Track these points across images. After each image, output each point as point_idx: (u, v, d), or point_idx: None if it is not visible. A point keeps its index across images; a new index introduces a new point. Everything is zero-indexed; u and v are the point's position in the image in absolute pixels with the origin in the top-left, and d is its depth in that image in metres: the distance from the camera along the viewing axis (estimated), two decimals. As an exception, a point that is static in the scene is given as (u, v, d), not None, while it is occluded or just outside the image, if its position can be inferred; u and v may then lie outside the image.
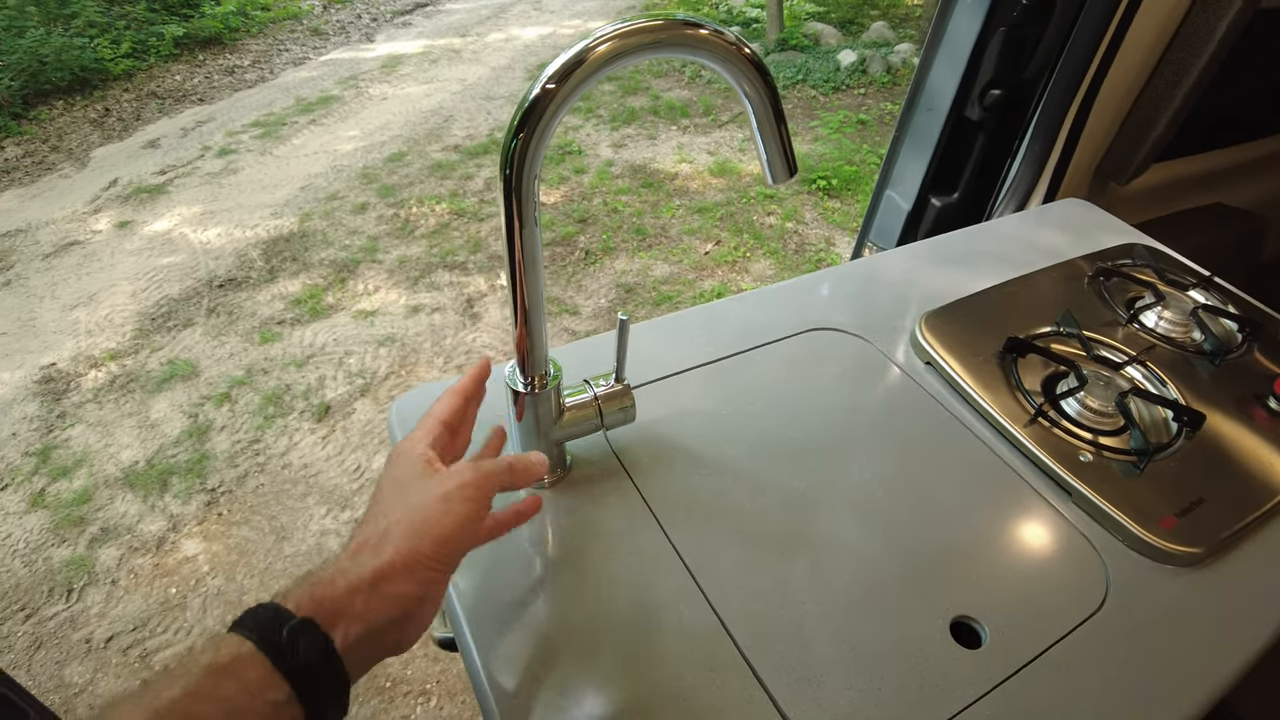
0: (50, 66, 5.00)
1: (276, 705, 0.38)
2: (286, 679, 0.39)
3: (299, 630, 0.40)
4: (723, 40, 0.52)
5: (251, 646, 0.39)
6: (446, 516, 0.48)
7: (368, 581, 0.44)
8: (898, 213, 1.45)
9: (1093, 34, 1.16)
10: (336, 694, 0.42)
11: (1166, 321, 0.96)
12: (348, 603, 0.43)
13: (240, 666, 0.38)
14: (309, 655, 0.40)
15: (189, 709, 0.36)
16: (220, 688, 0.37)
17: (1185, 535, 0.70)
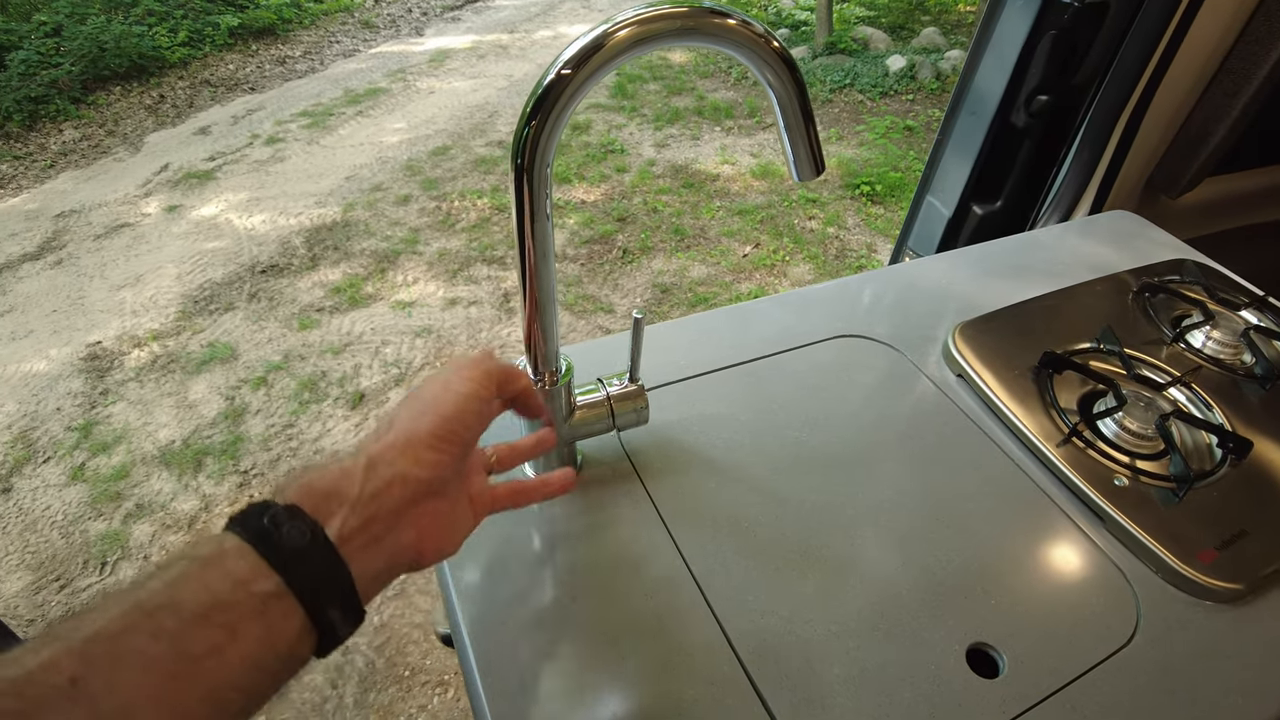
0: (110, 53, 5.13)
1: (264, 597, 0.35)
2: (273, 568, 0.35)
3: (281, 515, 0.37)
4: (750, 31, 0.50)
5: (236, 538, 0.36)
6: (445, 394, 0.45)
7: (363, 464, 0.41)
8: (938, 219, 1.41)
9: (1147, 40, 1.11)
10: (337, 591, 0.38)
11: (1215, 342, 0.91)
12: (340, 487, 0.40)
13: (224, 557, 0.35)
14: (294, 540, 0.36)
15: (171, 596, 0.33)
16: (204, 576, 0.34)
17: (1225, 570, 0.66)
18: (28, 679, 0.28)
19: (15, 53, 4.90)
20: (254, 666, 0.34)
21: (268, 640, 0.35)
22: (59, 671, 0.29)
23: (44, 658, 0.29)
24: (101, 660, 0.30)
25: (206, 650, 0.32)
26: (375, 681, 1.90)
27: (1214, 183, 1.36)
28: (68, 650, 0.30)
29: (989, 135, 1.27)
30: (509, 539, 0.67)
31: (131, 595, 0.32)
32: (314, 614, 0.36)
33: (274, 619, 0.35)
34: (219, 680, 0.33)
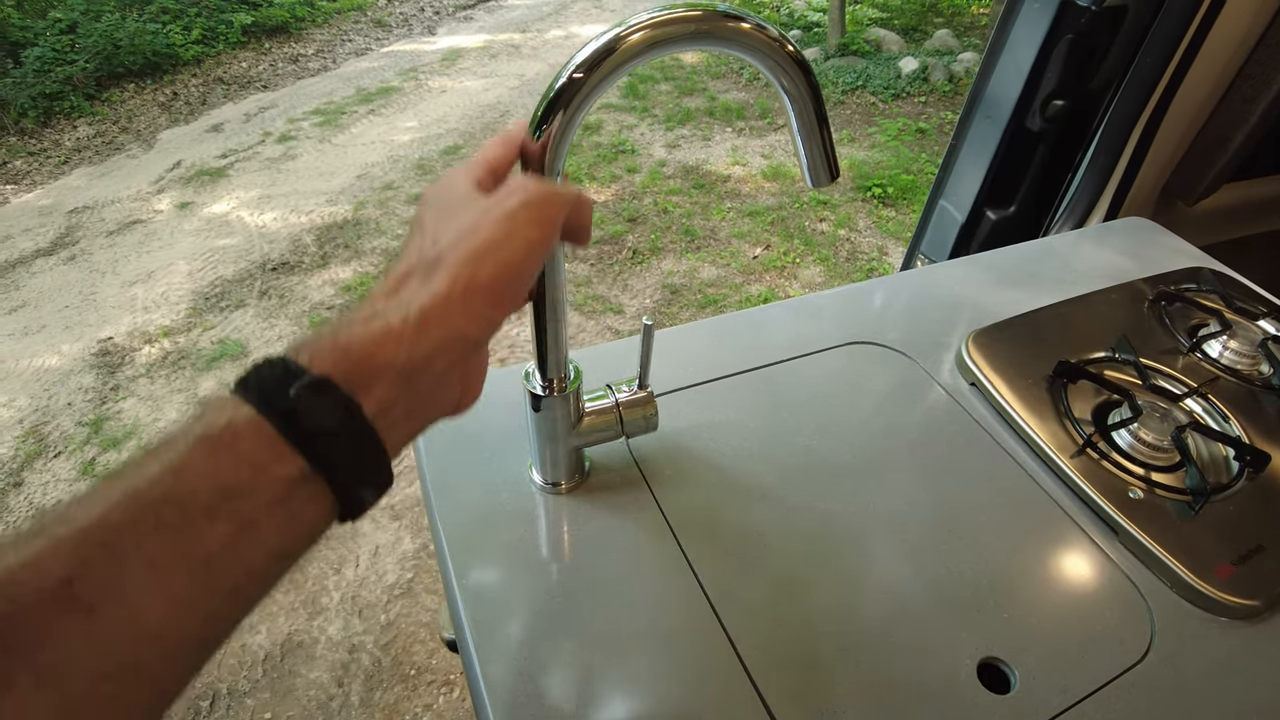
0: (124, 50, 5.16)
1: (289, 483, 0.30)
2: (299, 451, 0.30)
3: (311, 389, 0.30)
4: (765, 35, 0.49)
5: (250, 410, 0.30)
6: (512, 239, 0.36)
7: (414, 322, 0.33)
8: (951, 224, 1.40)
9: (1165, 45, 1.10)
10: (370, 470, 0.33)
11: (1232, 352, 0.90)
12: (381, 353, 0.33)
13: (235, 436, 0.29)
14: (326, 421, 0.31)
15: (173, 487, 0.28)
16: (210, 461, 0.29)
17: (1242, 585, 0.65)
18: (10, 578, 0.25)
19: (31, 49, 4.94)
20: (273, 555, 0.30)
21: (289, 527, 0.31)
22: (47, 572, 0.25)
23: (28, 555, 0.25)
24: (99, 560, 0.26)
25: (220, 546, 0.28)
26: (381, 680, 1.90)
27: (1232, 189, 1.35)
28: (57, 548, 0.26)
29: (1003, 140, 1.26)
30: (516, 545, 0.67)
31: (128, 483, 0.28)
32: (344, 495, 0.32)
33: (297, 504, 0.31)
34: (235, 576, 0.29)
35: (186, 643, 0.28)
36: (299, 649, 1.96)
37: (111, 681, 0.26)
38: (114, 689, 0.26)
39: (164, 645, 0.27)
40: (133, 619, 0.26)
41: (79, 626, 0.25)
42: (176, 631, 0.28)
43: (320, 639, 1.98)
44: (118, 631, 0.26)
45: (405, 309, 0.34)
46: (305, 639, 1.98)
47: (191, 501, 0.28)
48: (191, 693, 1.86)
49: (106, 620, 0.26)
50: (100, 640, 0.25)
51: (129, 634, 0.26)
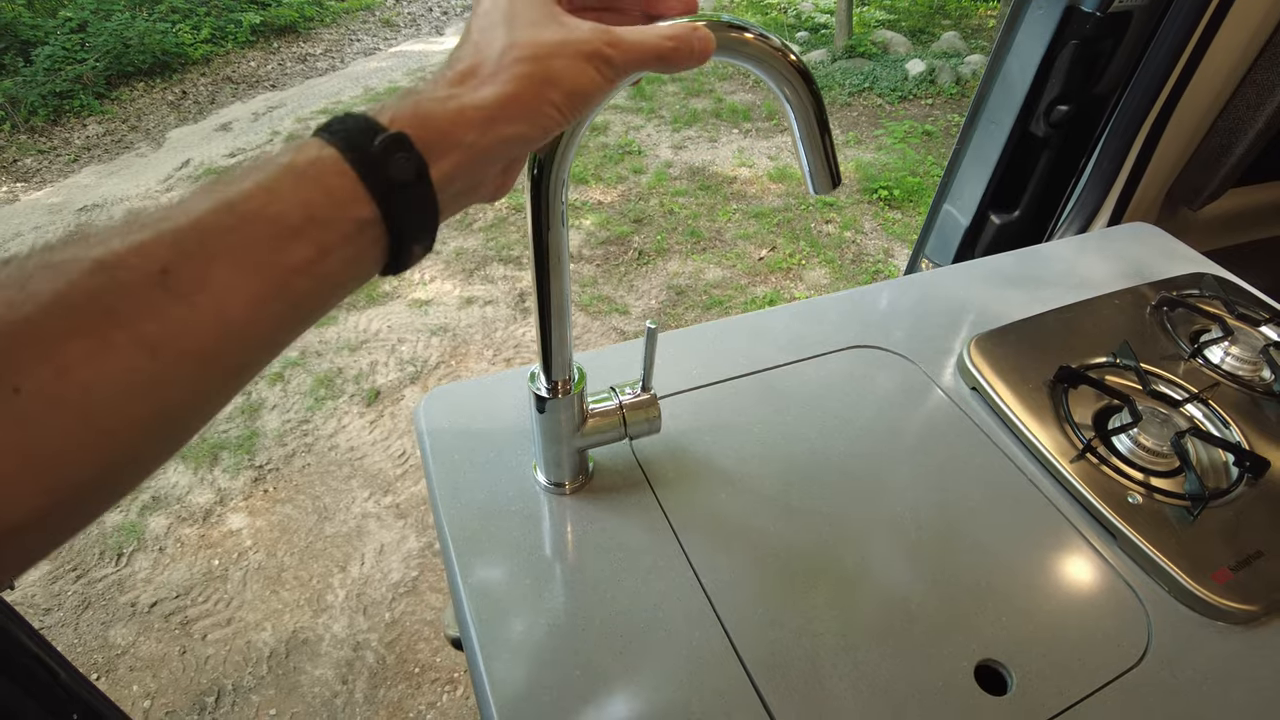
0: (133, 49, 5.19)
1: (360, 224, 0.34)
2: (373, 197, 0.34)
3: (393, 144, 0.34)
4: (767, 45, 0.50)
5: (336, 153, 0.33)
6: (583, 76, 0.40)
7: (486, 114, 0.37)
8: (955, 228, 1.40)
9: (1170, 51, 1.10)
10: (424, 229, 0.37)
11: (1234, 358, 0.90)
12: (455, 132, 0.36)
13: (322, 172, 0.33)
14: (402, 174, 0.34)
15: (265, 205, 0.31)
16: (299, 190, 0.32)
17: (1240, 591, 0.65)
18: (118, 260, 0.28)
19: (41, 48, 4.96)
20: (334, 283, 0.34)
21: (352, 261, 0.34)
22: (151, 258, 0.28)
23: (132, 242, 0.29)
24: (196, 255, 0.29)
25: (299, 263, 0.32)
26: (385, 678, 1.91)
27: (1236, 195, 1.35)
28: (158, 238, 0.29)
29: (1008, 144, 1.26)
30: (520, 545, 0.68)
31: (222, 193, 0.31)
32: (398, 245, 0.36)
33: (363, 245, 0.34)
34: (304, 289, 0.33)
35: (258, 338, 0.32)
36: (304, 646, 1.97)
37: (193, 360, 0.30)
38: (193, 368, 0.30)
39: (239, 338, 0.31)
40: (218, 309, 0.30)
41: (174, 309, 0.29)
42: (251, 328, 0.31)
43: (325, 636, 1.99)
44: (204, 318, 0.29)
45: (479, 99, 0.37)
46: (310, 636, 1.99)
47: (281, 221, 0.32)
48: (197, 688, 1.88)
49: (197, 306, 0.29)
50: (190, 323, 0.29)
51: (213, 322, 0.30)
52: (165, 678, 1.91)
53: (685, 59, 0.44)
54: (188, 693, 1.88)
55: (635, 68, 0.42)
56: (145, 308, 0.28)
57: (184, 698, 1.87)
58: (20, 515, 0.26)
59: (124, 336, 0.27)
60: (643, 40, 0.42)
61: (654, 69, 0.44)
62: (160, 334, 0.28)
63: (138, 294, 0.28)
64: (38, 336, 0.26)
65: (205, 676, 1.91)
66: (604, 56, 0.40)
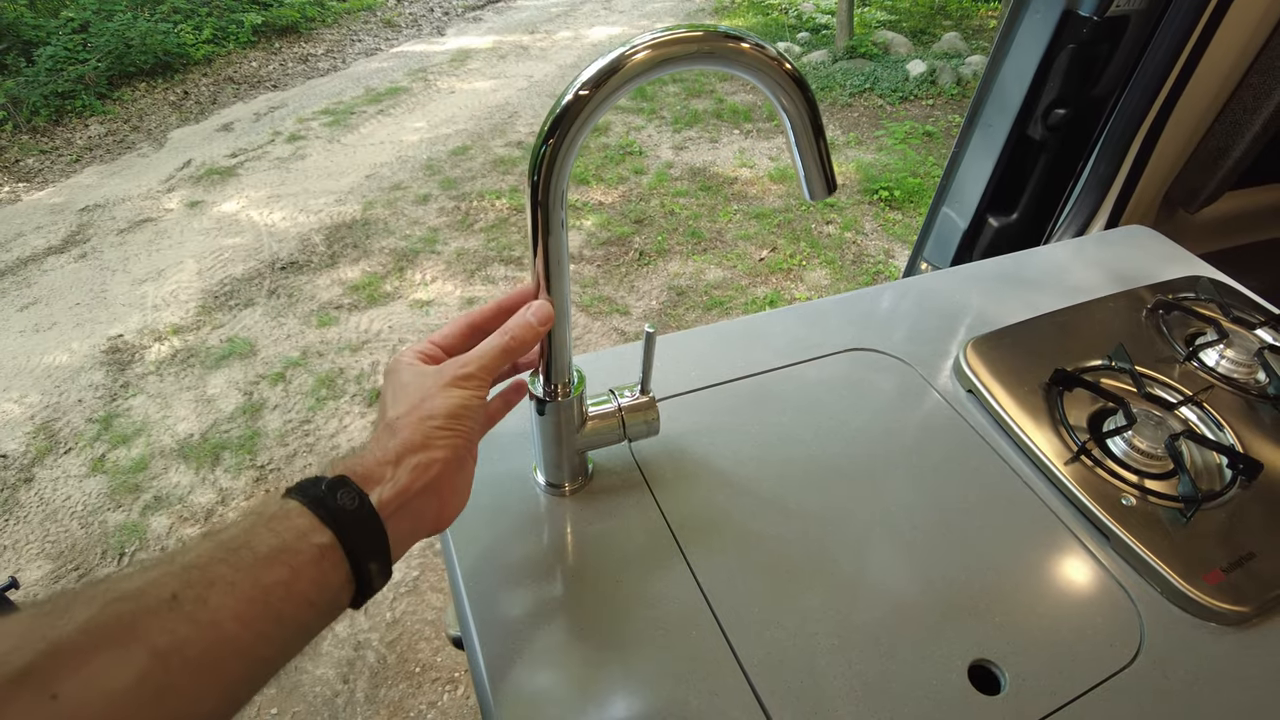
0: (135, 50, 5.20)
1: (321, 549, 0.42)
2: (327, 526, 0.43)
3: (336, 484, 0.45)
4: (763, 55, 0.51)
5: (296, 502, 0.44)
6: (450, 399, 0.52)
7: (396, 454, 0.49)
8: (954, 230, 1.41)
9: (1167, 55, 1.11)
10: (376, 547, 0.46)
11: (1229, 361, 0.91)
12: (379, 471, 0.48)
13: (287, 514, 0.43)
14: (346, 503, 0.44)
15: (247, 540, 0.41)
16: (273, 527, 0.42)
17: (1232, 592, 0.66)
18: (140, 591, 0.36)
19: (43, 48, 4.98)
20: (308, 602, 0.42)
21: (320, 581, 0.43)
22: (164, 588, 0.37)
23: (151, 577, 0.37)
24: (197, 581, 0.38)
25: (275, 583, 0.40)
26: (386, 677, 1.92)
27: (1233, 197, 1.35)
28: (169, 573, 0.38)
29: (1006, 147, 1.27)
30: (520, 545, 0.69)
31: (215, 538, 0.41)
32: (356, 565, 0.44)
33: (326, 566, 0.43)
34: (283, 609, 0.40)
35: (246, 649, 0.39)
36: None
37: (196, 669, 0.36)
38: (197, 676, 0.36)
39: (233, 647, 0.38)
40: (214, 624, 0.37)
41: (181, 626, 0.36)
42: (241, 639, 0.38)
43: (326, 636, 2.00)
44: (203, 632, 0.37)
45: (390, 446, 0.49)
46: (311, 635, 2.00)
47: (259, 550, 0.41)
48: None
49: (198, 623, 0.37)
50: (192, 637, 0.36)
51: (211, 636, 0.37)
52: (167, 677, 1.91)
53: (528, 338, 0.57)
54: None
55: (494, 368, 0.55)
56: (158, 624, 0.35)
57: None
58: None
59: (140, 649, 0.34)
60: (488, 347, 0.55)
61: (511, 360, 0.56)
62: (169, 645, 0.35)
63: (153, 614, 0.36)
64: (74, 651, 0.33)
65: (207, 675, 1.91)
66: (461, 376, 0.53)
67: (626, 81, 0.49)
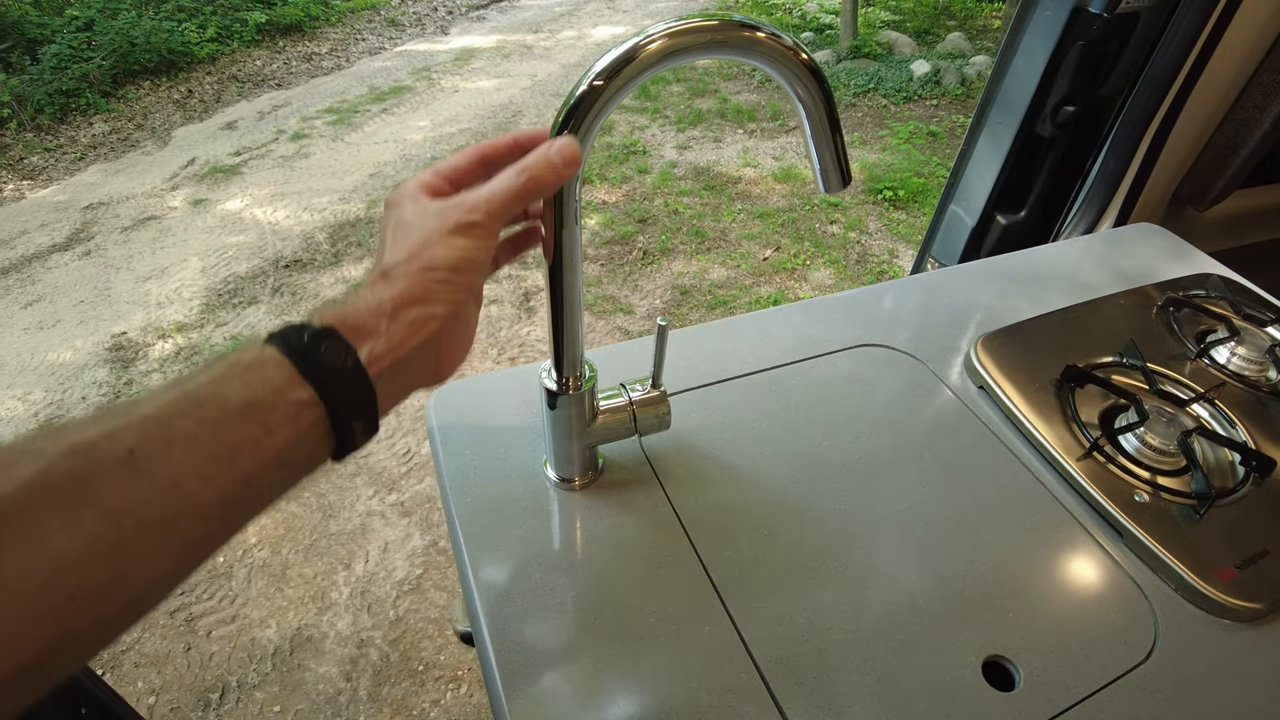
0: (139, 48, 5.20)
1: (299, 404, 0.38)
2: (308, 381, 0.39)
3: (321, 335, 0.40)
4: (779, 44, 0.51)
5: (275, 350, 0.39)
6: (453, 249, 0.45)
7: (388, 308, 0.43)
8: (961, 228, 1.41)
9: (1176, 53, 1.11)
10: (362, 406, 0.42)
11: (1240, 358, 0.91)
12: (371, 322, 0.43)
13: (264, 364, 0.39)
14: (331, 358, 0.40)
15: (216, 392, 0.37)
16: (245, 378, 0.38)
17: (1246, 589, 0.66)
18: (92, 445, 0.32)
19: (48, 47, 4.98)
20: (281, 462, 0.38)
21: (296, 440, 0.39)
22: (119, 442, 0.33)
23: (107, 428, 0.33)
24: (156, 437, 0.34)
25: (244, 441, 0.37)
26: (389, 675, 1.91)
27: (1242, 196, 1.35)
28: (126, 425, 0.34)
29: (1014, 145, 1.27)
30: (530, 540, 0.68)
31: (180, 387, 0.36)
32: (338, 425, 0.40)
33: (303, 425, 0.39)
34: (251, 468, 0.37)
35: (209, 510, 0.36)
36: (308, 643, 1.97)
37: (152, 529, 0.33)
38: (152, 537, 0.33)
39: (192, 507, 0.35)
40: (174, 483, 0.34)
41: (137, 485, 0.33)
42: (203, 499, 0.35)
43: (329, 634, 1.99)
44: (162, 492, 0.34)
45: (383, 295, 0.44)
46: (314, 634, 2.00)
47: (229, 404, 0.37)
48: (201, 685, 1.88)
49: (156, 481, 0.34)
50: (149, 497, 0.33)
51: (170, 496, 0.34)
52: (170, 674, 1.91)
53: (548, 179, 0.48)
54: (192, 689, 1.88)
55: (504, 215, 0.47)
56: (112, 484, 0.32)
57: (189, 694, 1.87)
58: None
59: (92, 510, 0.31)
60: (499, 188, 0.47)
61: (524, 204, 0.48)
62: (123, 506, 0.32)
63: (107, 472, 0.32)
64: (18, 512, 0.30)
65: (210, 673, 1.91)
66: (466, 224, 0.46)
67: (641, 71, 0.49)
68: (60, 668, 0.32)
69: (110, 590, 0.32)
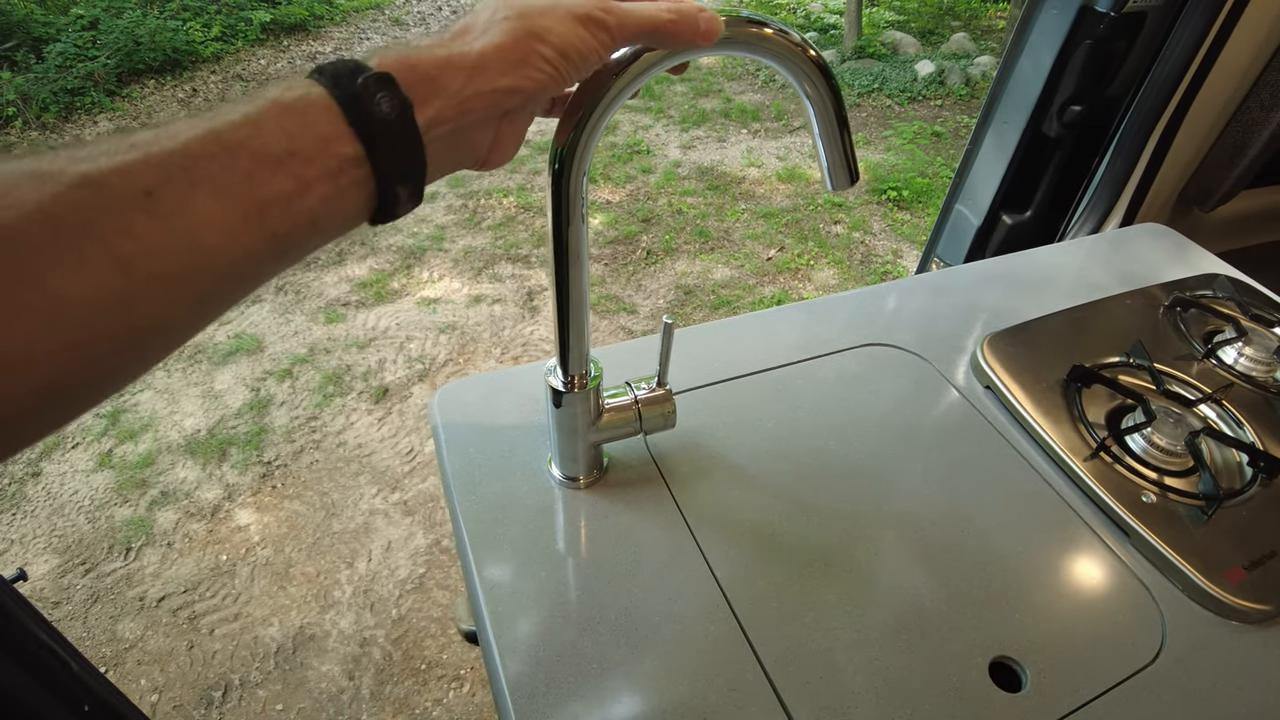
0: (144, 47, 5.20)
1: (343, 161, 0.34)
2: (357, 135, 0.34)
3: (377, 82, 0.35)
4: (787, 40, 0.50)
5: (323, 91, 0.34)
6: (574, 33, 0.40)
7: (472, 60, 0.38)
8: (967, 228, 1.40)
9: (1184, 51, 1.10)
10: (410, 171, 0.37)
11: (1247, 359, 0.90)
12: (441, 77, 0.37)
13: (307, 108, 0.34)
14: (384, 112, 0.35)
15: (248, 136, 0.32)
16: (284, 123, 0.33)
17: (1253, 590, 0.65)
18: (103, 178, 0.29)
19: (53, 45, 4.98)
20: (312, 221, 0.34)
21: (333, 200, 0.35)
22: (136, 180, 0.29)
23: (122, 162, 0.29)
24: (178, 179, 0.30)
25: (276, 195, 0.33)
26: (392, 674, 1.91)
27: (1249, 196, 1.35)
28: (145, 161, 0.30)
29: (1020, 144, 1.26)
30: (535, 539, 0.68)
31: (209, 123, 0.32)
32: (383, 188, 0.36)
33: (344, 183, 0.35)
34: (279, 224, 0.33)
35: (228, 266, 0.32)
36: (311, 642, 1.98)
37: (164, 281, 0.30)
38: (164, 289, 0.30)
39: (210, 264, 0.31)
40: (192, 233, 0.30)
41: (151, 231, 0.29)
42: (224, 254, 0.32)
43: (332, 632, 1.99)
44: (179, 241, 0.30)
45: (466, 48, 0.38)
46: (317, 632, 2.00)
47: (263, 152, 0.32)
48: (204, 682, 1.88)
49: (173, 230, 0.30)
50: (164, 245, 0.30)
51: (187, 245, 0.30)
52: (173, 672, 1.91)
53: (687, 33, 0.45)
54: (195, 687, 1.88)
55: (631, 36, 0.43)
56: (124, 227, 0.29)
57: (191, 692, 1.87)
58: None
59: (100, 252, 0.28)
60: (641, 10, 0.43)
61: (653, 42, 0.45)
62: (135, 253, 0.29)
63: (119, 212, 0.29)
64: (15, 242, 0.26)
65: (212, 671, 1.91)
66: (597, 20, 0.41)
67: (649, 67, 0.49)
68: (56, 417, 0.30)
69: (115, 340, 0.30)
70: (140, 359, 0.32)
